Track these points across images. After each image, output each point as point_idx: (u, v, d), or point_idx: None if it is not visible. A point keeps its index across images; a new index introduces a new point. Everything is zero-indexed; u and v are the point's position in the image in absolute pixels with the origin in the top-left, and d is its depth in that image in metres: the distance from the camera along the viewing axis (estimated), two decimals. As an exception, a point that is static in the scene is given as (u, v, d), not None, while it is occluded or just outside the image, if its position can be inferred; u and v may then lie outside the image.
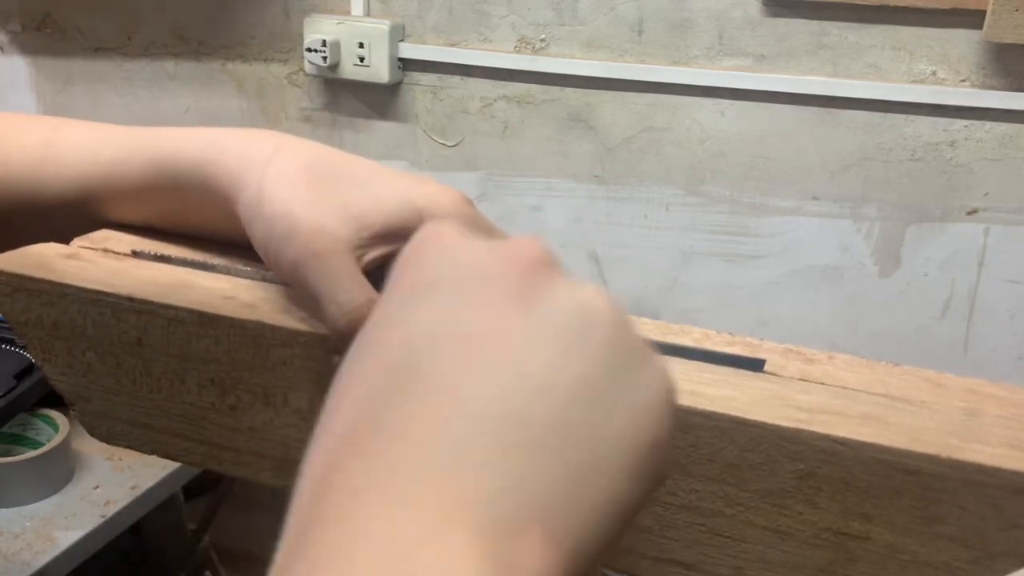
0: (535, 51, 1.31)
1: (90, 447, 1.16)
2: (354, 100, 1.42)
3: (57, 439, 1.10)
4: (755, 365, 0.35)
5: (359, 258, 0.36)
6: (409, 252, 0.27)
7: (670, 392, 0.26)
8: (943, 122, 1.19)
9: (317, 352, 0.36)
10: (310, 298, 0.35)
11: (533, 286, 0.25)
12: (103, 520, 1.07)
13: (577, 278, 0.26)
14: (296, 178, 0.36)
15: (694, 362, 0.35)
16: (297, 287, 0.36)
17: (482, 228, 0.38)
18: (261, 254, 0.37)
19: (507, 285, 0.25)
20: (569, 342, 0.24)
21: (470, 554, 0.20)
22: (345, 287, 0.34)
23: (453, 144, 1.39)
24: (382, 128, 1.42)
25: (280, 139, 0.38)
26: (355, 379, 0.24)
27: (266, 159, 0.37)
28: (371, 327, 0.26)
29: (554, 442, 0.22)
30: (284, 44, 1.42)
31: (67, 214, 0.42)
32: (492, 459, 0.22)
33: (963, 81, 1.17)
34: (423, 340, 0.24)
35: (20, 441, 1.13)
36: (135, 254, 0.41)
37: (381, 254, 0.37)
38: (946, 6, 1.13)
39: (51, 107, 1.56)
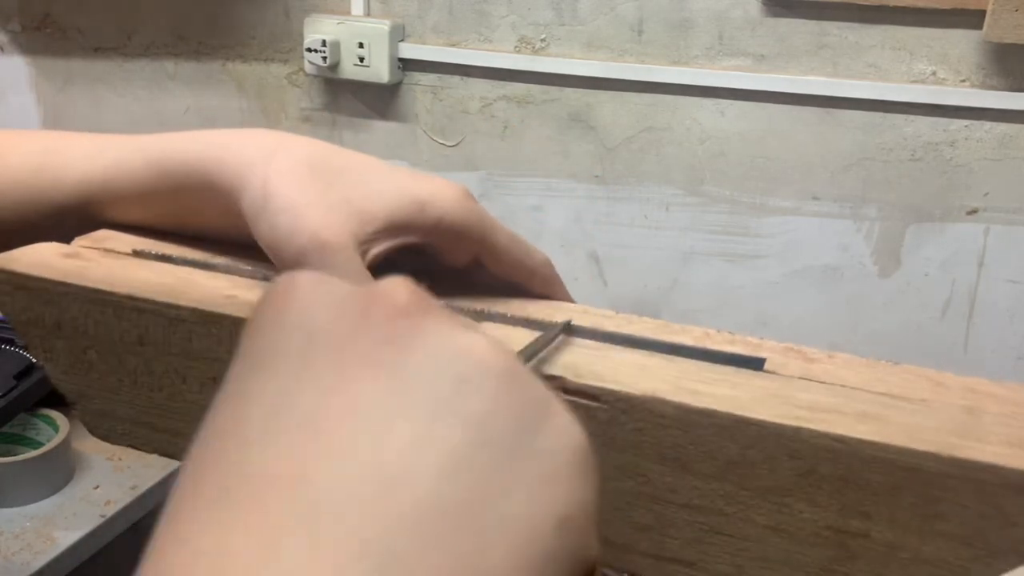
0: (535, 51, 1.31)
1: (90, 447, 1.16)
2: (354, 100, 1.42)
3: (57, 439, 1.10)
4: (755, 364, 0.35)
5: (364, 253, 0.36)
6: (256, 311, 0.23)
7: (581, 453, 0.21)
8: (943, 122, 1.19)
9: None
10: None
11: (395, 340, 0.21)
12: (103, 520, 1.07)
13: (458, 322, 0.22)
14: (299, 175, 0.37)
15: (694, 361, 0.35)
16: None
17: (485, 225, 0.39)
18: (266, 251, 0.37)
19: (363, 345, 0.21)
20: (439, 408, 0.20)
21: None
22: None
23: (453, 144, 1.39)
24: (382, 128, 1.42)
25: (280, 138, 0.39)
26: (186, 479, 0.20)
27: (268, 158, 0.37)
28: (212, 409, 0.22)
29: (420, 542, 0.18)
30: (284, 44, 1.42)
31: (67, 218, 0.43)
32: (344, 571, 0.17)
33: (963, 81, 1.17)
34: (256, 433, 0.20)
35: (20, 441, 1.13)
36: (136, 253, 0.41)
37: (385, 249, 0.37)
38: (946, 6, 1.13)
39: (51, 107, 1.56)
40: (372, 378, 0.20)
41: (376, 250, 0.36)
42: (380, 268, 0.36)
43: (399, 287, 0.22)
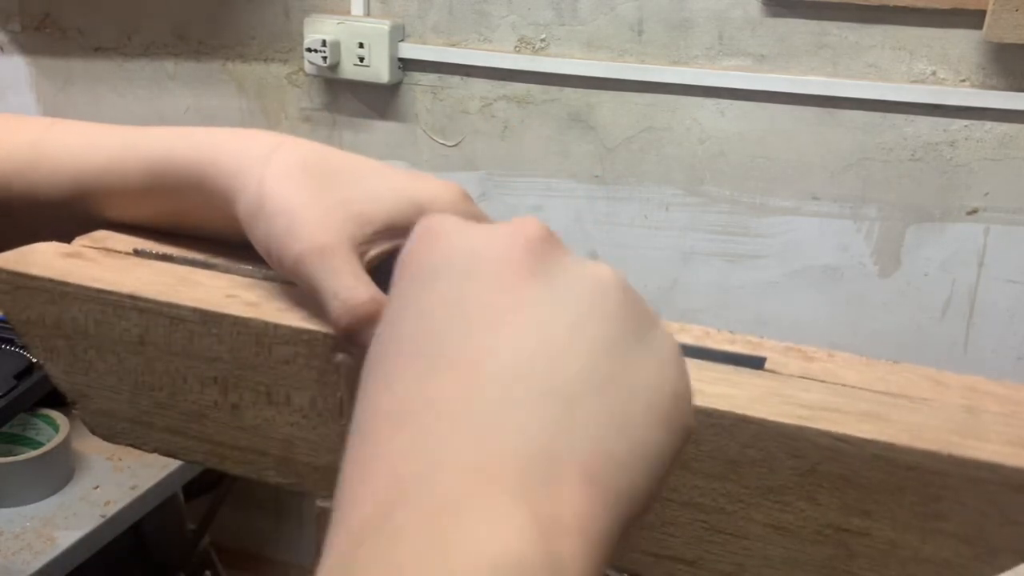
0: (535, 51, 1.31)
1: (90, 447, 1.16)
2: (354, 100, 1.42)
3: (57, 439, 1.10)
4: (756, 363, 0.35)
5: (361, 255, 0.36)
6: (411, 244, 0.28)
7: (679, 352, 0.27)
8: (943, 122, 1.19)
9: (320, 350, 0.36)
10: (313, 296, 0.35)
11: (540, 261, 0.26)
12: (103, 520, 1.07)
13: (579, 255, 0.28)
14: (295, 177, 0.36)
15: (695, 360, 0.35)
16: (300, 285, 0.36)
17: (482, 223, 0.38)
18: (263, 254, 0.37)
19: (514, 261, 0.26)
20: (585, 307, 0.25)
21: (512, 512, 0.20)
22: (347, 284, 0.34)
23: (453, 144, 1.39)
24: (382, 128, 1.42)
25: (277, 139, 0.38)
26: (379, 373, 0.25)
27: (264, 159, 0.37)
28: (385, 324, 0.26)
29: (584, 395, 0.23)
30: (284, 44, 1.42)
31: (62, 214, 0.42)
32: (524, 418, 0.22)
33: (963, 81, 1.17)
34: (438, 321, 0.25)
35: (20, 441, 1.13)
36: (137, 252, 0.41)
37: (382, 251, 0.37)
38: (946, 6, 1.13)
39: (51, 107, 1.56)
40: (529, 285, 0.25)
41: (373, 252, 0.36)
42: (378, 271, 0.35)
43: (535, 223, 0.27)
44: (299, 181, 0.36)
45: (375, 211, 0.36)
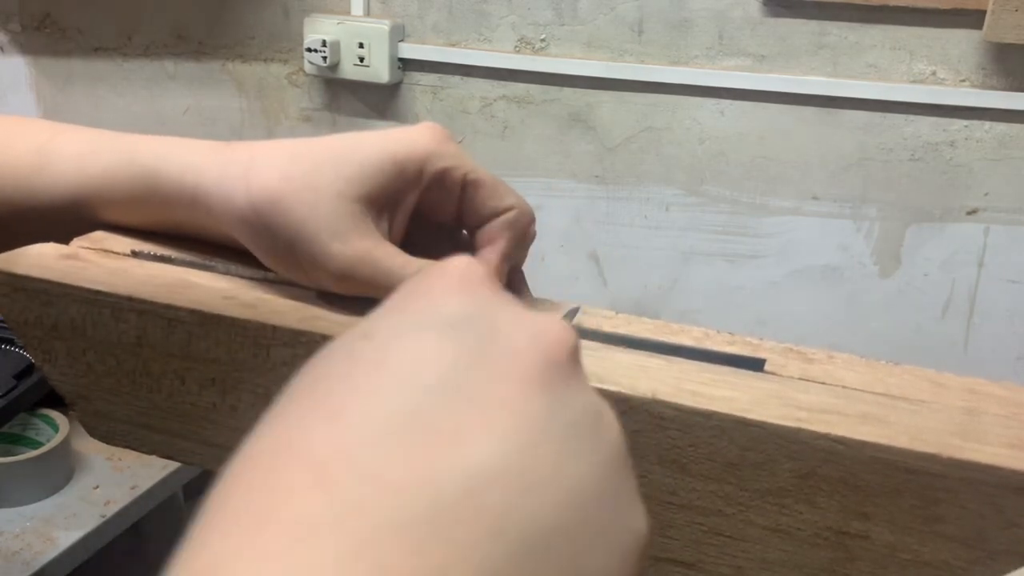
0: (535, 51, 1.31)
1: (90, 447, 1.16)
2: (354, 100, 1.42)
3: (57, 439, 1.10)
4: (755, 365, 0.35)
5: (350, 212, 0.36)
6: (432, 274, 0.25)
7: (646, 541, 0.23)
8: (943, 122, 1.19)
9: (318, 351, 0.36)
10: (369, 294, 0.36)
11: (558, 371, 0.22)
12: (103, 520, 1.07)
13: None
14: (280, 188, 0.37)
15: (694, 362, 0.35)
16: (345, 291, 0.37)
17: (467, 166, 0.39)
18: (264, 253, 0.38)
19: (533, 359, 0.22)
20: (582, 441, 0.22)
21: None
22: (409, 271, 0.36)
23: (453, 144, 1.39)
24: (382, 128, 1.42)
25: (248, 152, 0.39)
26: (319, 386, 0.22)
27: (244, 178, 0.37)
28: (377, 325, 0.23)
29: (545, 543, 0.19)
30: (284, 44, 1.42)
31: (62, 219, 0.42)
32: (473, 537, 0.18)
33: (963, 81, 1.17)
34: (432, 377, 0.21)
35: (20, 441, 1.13)
36: (135, 254, 0.41)
37: (365, 203, 0.37)
38: (946, 6, 1.13)
39: (51, 107, 1.56)
40: (537, 392, 0.22)
41: (358, 206, 0.37)
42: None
43: (569, 331, 0.24)
44: (291, 196, 0.36)
45: (369, 188, 0.37)
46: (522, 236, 0.40)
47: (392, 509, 0.18)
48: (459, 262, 0.25)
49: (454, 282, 0.24)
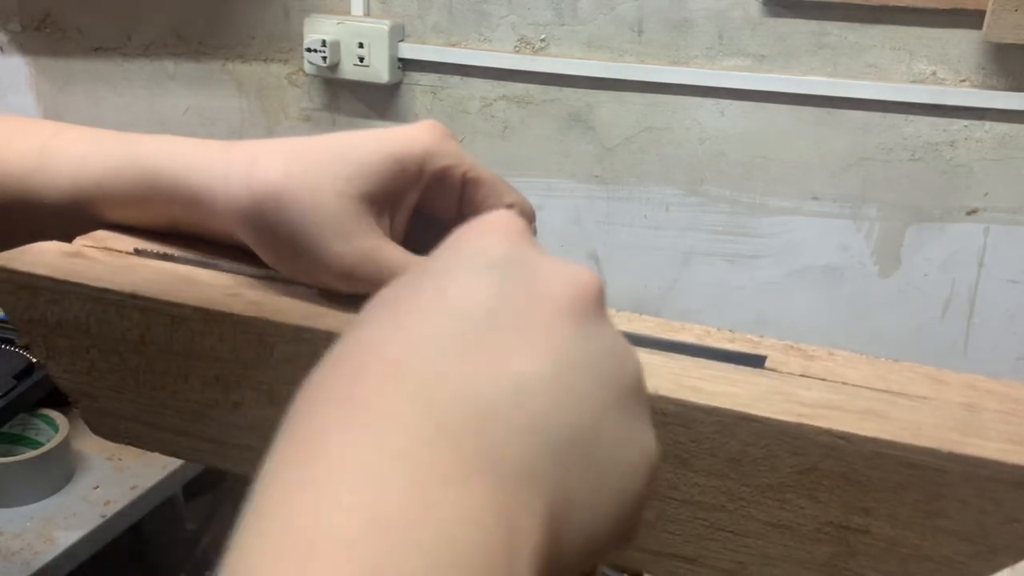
0: (535, 51, 1.31)
1: (90, 447, 1.16)
2: (354, 100, 1.42)
3: (57, 439, 1.10)
4: (756, 361, 0.35)
5: (351, 211, 0.37)
6: (480, 224, 0.28)
7: (656, 460, 0.26)
8: (943, 122, 1.20)
9: (322, 349, 0.36)
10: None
11: (587, 311, 0.26)
12: (103, 520, 1.07)
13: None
14: (283, 184, 0.37)
15: (695, 358, 0.35)
16: (351, 288, 0.37)
17: (467, 164, 0.39)
18: (267, 252, 0.38)
19: (568, 297, 0.25)
20: (607, 367, 0.25)
21: (487, 504, 0.20)
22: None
23: (453, 144, 1.39)
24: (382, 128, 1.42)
25: (253, 147, 0.39)
26: (396, 323, 0.24)
27: (247, 176, 0.37)
28: (435, 264, 0.26)
29: (573, 444, 0.23)
30: (284, 44, 1.42)
31: (63, 218, 0.43)
32: (519, 430, 0.22)
33: (963, 81, 1.17)
34: (482, 309, 0.24)
35: (20, 441, 1.13)
36: (138, 252, 0.41)
37: (366, 201, 0.37)
38: (946, 6, 1.13)
39: (51, 107, 1.56)
40: (570, 327, 0.25)
41: (362, 205, 0.37)
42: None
43: (598, 279, 0.27)
44: (292, 194, 0.37)
45: (369, 186, 0.37)
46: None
47: (455, 402, 0.22)
48: (503, 214, 0.28)
49: (500, 231, 0.27)
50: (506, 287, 0.25)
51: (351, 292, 0.38)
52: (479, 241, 0.27)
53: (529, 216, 0.40)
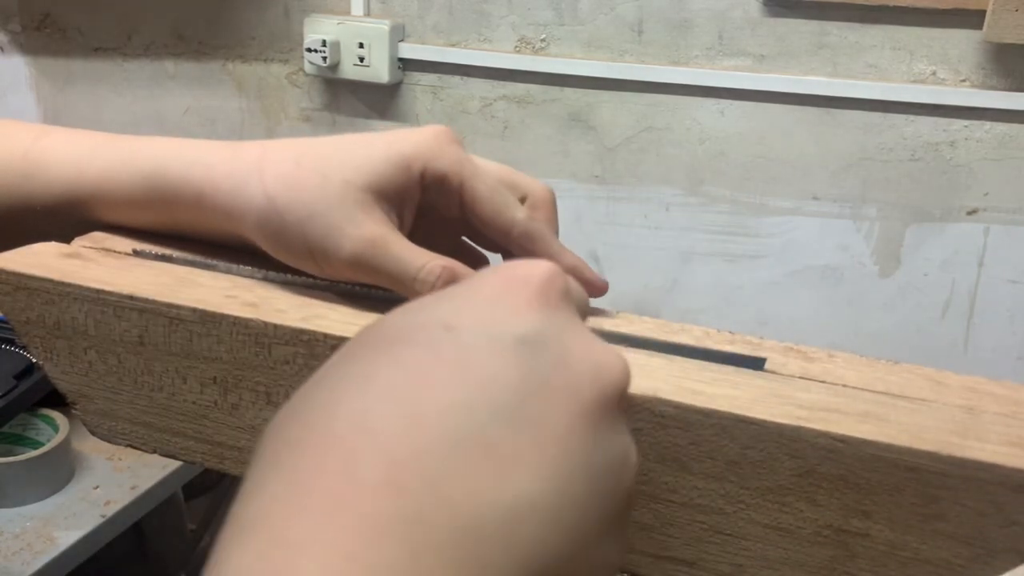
0: (535, 51, 1.31)
1: (90, 447, 1.16)
2: (354, 100, 1.42)
3: (57, 439, 1.10)
4: (755, 363, 0.35)
5: (361, 200, 0.37)
6: (518, 279, 0.26)
7: (616, 572, 0.26)
8: (943, 122, 1.19)
9: (320, 351, 0.36)
10: (379, 284, 0.37)
11: (607, 412, 0.25)
12: (103, 520, 1.07)
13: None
14: (298, 178, 0.37)
15: (695, 360, 0.35)
16: (355, 280, 0.38)
17: (464, 170, 0.39)
18: (275, 244, 0.38)
19: (591, 396, 0.24)
20: (607, 484, 0.24)
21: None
22: (417, 261, 0.36)
23: (453, 144, 1.39)
24: (382, 128, 1.42)
25: (260, 146, 0.39)
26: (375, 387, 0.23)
27: (257, 170, 0.38)
28: (461, 316, 0.25)
29: (547, 571, 0.22)
30: (284, 44, 1.42)
31: (57, 220, 0.42)
32: (502, 553, 0.21)
33: (963, 81, 1.17)
34: (501, 399, 0.23)
35: (20, 441, 1.13)
36: (136, 253, 0.41)
37: (375, 193, 0.38)
38: (946, 6, 1.13)
39: (51, 107, 1.56)
40: (583, 431, 0.24)
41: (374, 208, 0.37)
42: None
43: (627, 370, 0.26)
44: (303, 181, 0.37)
45: (376, 180, 0.38)
46: (530, 243, 0.42)
47: (445, 522, 0.20)
48: (546, 270, 0.26)
49: (535, 294, 0.26)
50: (534, 373, 0.24)
51: (359, 282, 0.38)
52: (514, 299, 0.25)
53: (549, 200, 0.41)
